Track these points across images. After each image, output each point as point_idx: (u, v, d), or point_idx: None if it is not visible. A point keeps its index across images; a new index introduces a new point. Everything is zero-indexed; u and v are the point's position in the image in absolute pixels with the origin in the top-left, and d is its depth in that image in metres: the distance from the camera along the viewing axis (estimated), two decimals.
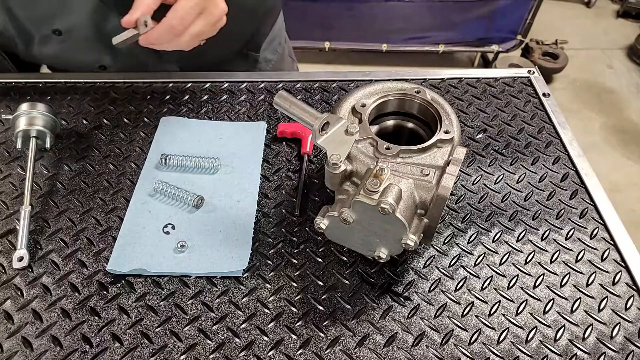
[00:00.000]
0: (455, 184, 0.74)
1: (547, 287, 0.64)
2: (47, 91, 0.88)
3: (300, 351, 0.58)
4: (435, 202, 0.55)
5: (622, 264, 0.67)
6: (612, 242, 0.69)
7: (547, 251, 0.68)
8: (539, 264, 0.67)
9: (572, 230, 0.70)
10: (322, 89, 0.91)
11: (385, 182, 0.54)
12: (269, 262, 0.66)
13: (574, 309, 0.62)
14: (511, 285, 0.64)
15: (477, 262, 0.66)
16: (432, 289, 0.64)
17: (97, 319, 0.60)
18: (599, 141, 2.56)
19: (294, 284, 0.64)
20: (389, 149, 0.59)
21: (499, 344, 0.59)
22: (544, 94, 0.90)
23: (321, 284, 0.64)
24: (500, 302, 0.63)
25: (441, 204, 0.55)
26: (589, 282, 0.65)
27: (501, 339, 0.60)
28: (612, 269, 0.66)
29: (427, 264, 0.66)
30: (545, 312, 0.62)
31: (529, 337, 0.60)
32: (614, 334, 0.60)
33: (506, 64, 2.76)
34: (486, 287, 0.64)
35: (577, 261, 0.67)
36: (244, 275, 0.64)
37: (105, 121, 0.84)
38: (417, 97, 0.66)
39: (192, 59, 0.94)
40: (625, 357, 0.58)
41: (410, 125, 0.69)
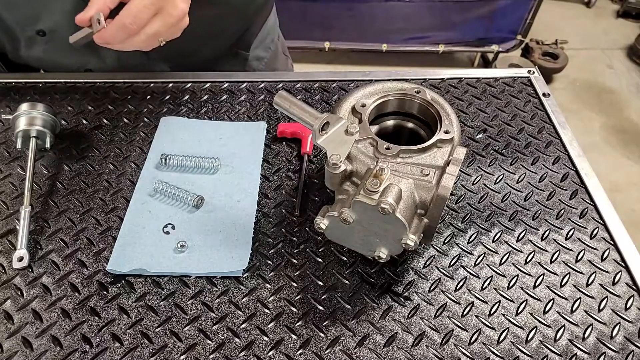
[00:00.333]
0: (455, 184, 0.74)
1: (547, 287, 0.64)
2: (47, 91, 0.88)
3: (300, 351, 0.58)
4: (435, 202, 0.55)
5: (622, 264, 0.67)
6: (612, 242, 0.69)
7: (547, 251, 0.68)
8: (539, 264, 0.67)
9: (572, 230, 0.70)
10: (322, 89, 0.91)
11: (385, 182, 0.54)
12: (269, 262, 0.66)
13: (574, 309, 0.62)
14: (511, 285, 0.64)
15: (477, 262, 0.66)
16: (432, 289, 0.64)
17: (97, 319, 0.60)
18: (599, 141, 2.56)
19: (294, 284, 0.64)
20: (389, 149, 0.59)
21: (499, 344, 0.59)
22: (544, 94, 0.90)
23: (321, 284, 0.64)
24: (500, 302, 0.63)
25: (441, 204, 0.55)
26: (589, 282, 0.65)
27: (501, 339, 0.60)
28: (612, 269, 0.66)
29: (427, 264, 0.66)
30: (545, 312, 0.62)
31: (529, 337, 0.60)
32: (614, 334, 0.60)
33: (506, 64, 2.77)
34: (486, 287, 0.64)
35: (577, 261, 0.67)
36: (244, 275, 0.64)
37: (105, 121, 0.84)
38: (417, 97, 0.66)
39: (181, 59, 0.94)
40: (625, 357, 0.58)
41: (410, 125, 0.69)
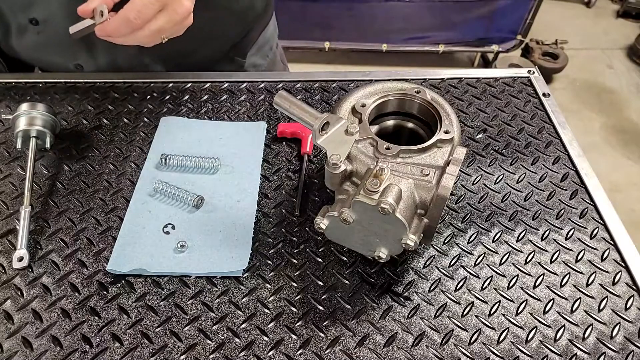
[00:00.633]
0: (455, 184, 0.74)
1: (547, 287, 0.64)
2: (47, 91, 0.88)
3: (300, 351, 0.58)
4: (435, 202, 0.55)
5: (622, 264, 0.67)
6: (612, 242, 0.69)
7: (547, 251, 0.68)
8: (539, 264, 0.67)
9: (572, 230, 0.70)
10: (322, 89, 0.91)
11: (385, 182, 0.54)
12: (269, 262, 0.66)
13: (574, 309, 0.62)
14: (511, 285, 0.64)
15: (477, 262, 0.66)
16: (432, 289, 0.64)
17: (97, 319, 0.60)
18: (599, 141, 2.56)
19: (294, 284, 0.64)
20: (389, 149, 0.59)
21: (499, 344, 0.59)
22: (544, 94, 0.90)
23: (321, 284, 0.64)
24: (500, 302, 0.63)
25: (441, 204, 0.55)
26: (589, 282, 0.65)
27: (501, 339, 0.60)
28: (612, 269, 0.66)
29: (427, 264, 0.66)
30: (545, 312, 0.62)
31: (529, 337, 0.60)
32: (614, 334, 0.60)
33: (506, 64, 2.77)
34: (486, 287, 0.64)
35: (577, 261, 0.67)
36: (244, 275, 0.64)
37: (105, 121, 0.84)
38: (417, 97, 0.66)
39: (177, 60, 0.94)
40: (625, 357, 0.58)
41: (410, 125, 0.69)
